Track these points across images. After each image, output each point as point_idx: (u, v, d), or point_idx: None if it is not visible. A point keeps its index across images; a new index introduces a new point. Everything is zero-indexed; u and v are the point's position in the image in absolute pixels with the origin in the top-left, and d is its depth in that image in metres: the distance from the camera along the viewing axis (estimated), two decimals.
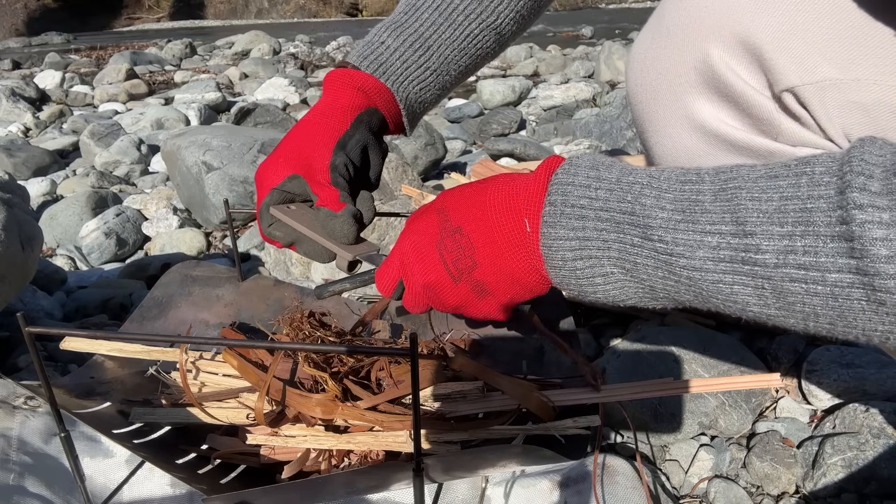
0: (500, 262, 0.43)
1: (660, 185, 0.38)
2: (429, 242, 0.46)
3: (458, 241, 0.44)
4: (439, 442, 0.60)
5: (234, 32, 9.15)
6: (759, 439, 0.76)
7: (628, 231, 0.38)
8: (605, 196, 0.39)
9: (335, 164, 0.57)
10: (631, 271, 0.39)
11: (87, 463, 0.64)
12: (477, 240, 0.44)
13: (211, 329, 0.79)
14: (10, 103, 3.67)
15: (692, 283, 0.36)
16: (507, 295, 0.45)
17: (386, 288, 0.51)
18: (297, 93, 4.03)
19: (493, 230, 0.43)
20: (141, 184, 2.28)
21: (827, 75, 0.43)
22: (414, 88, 0.63)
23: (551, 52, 5.47)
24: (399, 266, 0.49)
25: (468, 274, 0.45)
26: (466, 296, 0.46)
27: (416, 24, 0.62)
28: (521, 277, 0.44)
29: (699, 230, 0.35)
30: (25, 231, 1.00)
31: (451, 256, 0.45)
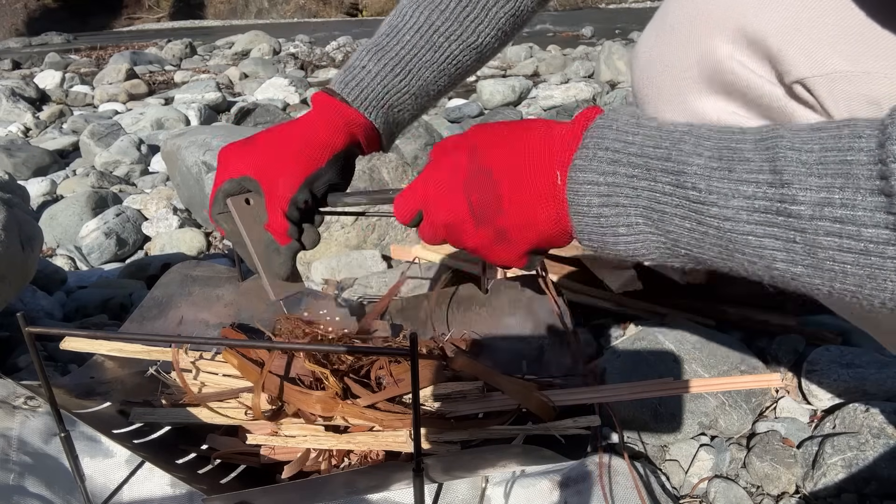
0: (526, 212, 0.43)
1: (700, 133, 0.37)
2: (456, 181, 0.45)
3: (486, 185, 0.44)
4: (439, 442, 0.60)
5: (234, 32, 9.15)
6: (759, 439, 0.76)
7: (661, 178, 0.37)
8: (641, 141, 0.38)
9: (296, 200, 0.58)
10: (657, 222, 0.38)
11: (87, 463, 0.64)
12: (505, 186, 0.43)
13: (211, 329, 0.79)
14: (10, 103, 3.67)
15: (720, 234, 0.35)
16: (527, 244, 0.45)
17: (404, 216, 0.50)
18: (296, 93, 4.03)
19: (522, 178, 0.42)
20: (141, 184, 2.28)
21: (837, 67, 0.42)
22: (393, 112, 0.65)
23: (551, 52, 5.47)
24: (422, 198, 0.48)
25: (491, 219, 0.44)
26: (486, 240, 0.46)
27: (397, 46, 0.63)
28: (544, 228, 0.43)
29: (735, 178, 0.34)
30: (25, 231, 1.00)
31: (476, 199, 0.44)
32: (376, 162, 1.46)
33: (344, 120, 0.62)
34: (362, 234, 1.34)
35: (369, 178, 1.42)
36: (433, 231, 0.49)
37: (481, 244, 0.46)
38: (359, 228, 1.34)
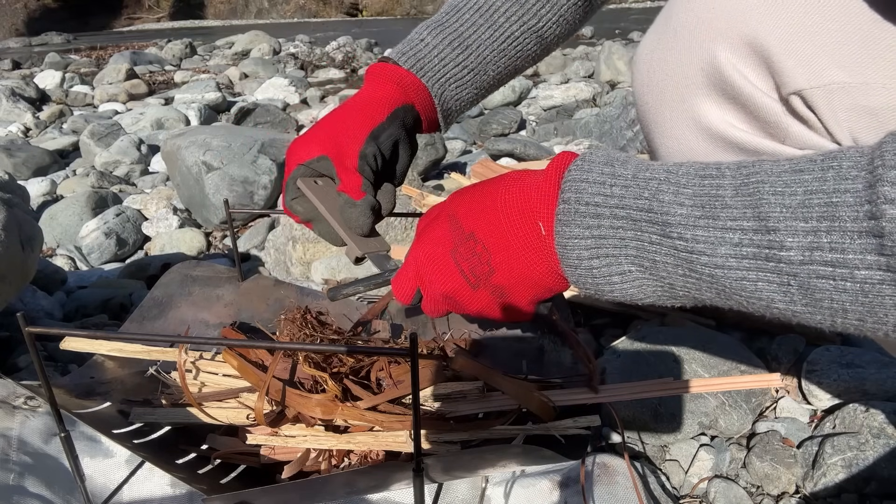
0: (517, 266, 0.43)
1: (678, 181, 0.37)
2: (443, 251, 0.46)
3: (473, 248, 0.44)
4: (439, 442, 0.60)
5: (234, 32, 9.16)
6: (759, 439, 0.76)
7: (646, 228, 0.37)
8: (621, 193, 0.38)
9: (364, 153, 0.57)
10: (650, 269, 0.38)
11: (87, 463, 0.64)
12: (491, 245, 0.43)
13: (211, 329, 0.79)
14: (10, 103, 3.67)
15: (714, 280, 0.35)
16: (527, 297, 0.45)
17: (404, 296, 0.51)
18: (297, 93, 4.03)
19: (506, 234, 0.43)
20: (141, 184, 2.28)
21: (835, 79, 0.42)
22: (451, 86, 0.63)
23: None
24: (415, 275, 0.49)
25: (486, 279, 0.44)
26: (487, 301, 0.46)
27: (456, 23, 0.62)
28: (539, 279, 0.43)
29: (720, 226, 0.34)
30: (25, 231, 1.00)
31: (467, 264, 0.44)
32: None
33: (399, 79, 0.61)
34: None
35: None
36: (435, 305, 0.49)
37: (484, 307, 0.46)
38: None
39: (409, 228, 1.37)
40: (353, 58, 5.72)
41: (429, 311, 0.51)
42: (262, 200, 1.81)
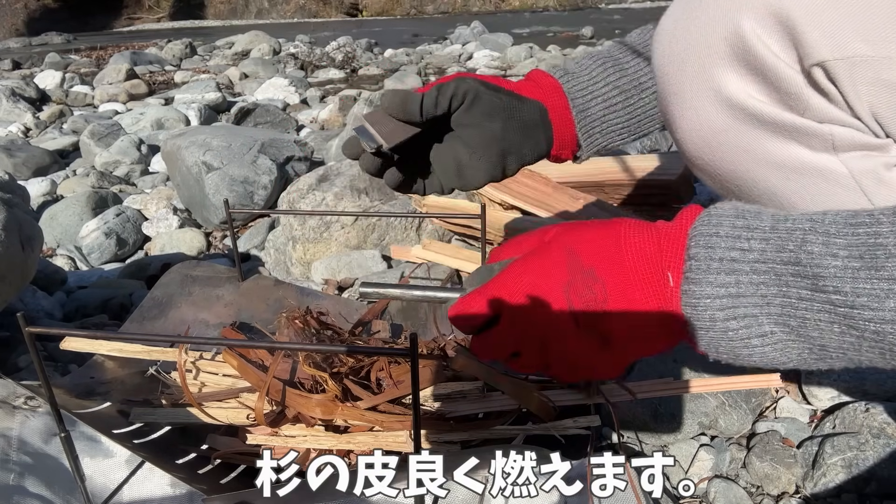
0: (633, 315, 0.39)
1: (826, 230, 0.34)
2: (555, 283, 0.40)
3: (591, 286, 0.40)
4: (439, 442, 0.60)
5: (234, 32, 9.16)
6: (759, 439, 0.76)
7: (793, 283, 0.34)
8: (761, 247, 0.35)
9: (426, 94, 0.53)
10: (797, 329, 0.35)
11: (87, 463, 0.64)
12: (612, 286, 0.39)
13: (211, 329, 0.79)
14: (10, 103, 3.68)
15: (880, 338, 0.32)
16: (630, 351, 0.41)
17: (471, 321, 0.43)
18: (297, 93, 4.03)
19: (629, 278, 0.39)
20: (141, 184, 2.28)
21: (858, 51, 0.41)
22: (596, 105, 0.59)
23: (551, 52, 5.47)
24: (504, 301, 0.42)
25: (595, 324, 0.40)
26: (586, 347, 0.41)
27: (615, 50, 0.60)
28: (651, 333, 0.40)
29: (885, 277, 0.31)
30: (25, 231, 1.00)
31: (580, 301, 0.40)
32: None
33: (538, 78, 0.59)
34: (362, 234, 1.34)
35: (369, 178, 1.42)
36: (505, 340, 0.43)
37: (581, 352, 0.41)
38: (359, 228, 1.34)
39: (409, 228, 1.37)
40: (353, 58, 5.72)
41: (492, 345, 0.44)
42: (262, 200, 1.81)
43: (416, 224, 1.37)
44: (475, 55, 5.67)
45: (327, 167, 1.47)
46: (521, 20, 11.64)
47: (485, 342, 0.44)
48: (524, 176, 1.22)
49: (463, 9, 18.46)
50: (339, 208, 1.33)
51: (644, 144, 2.26)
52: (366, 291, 0.48)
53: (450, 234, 1.36)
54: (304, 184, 1.41)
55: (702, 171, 0.52)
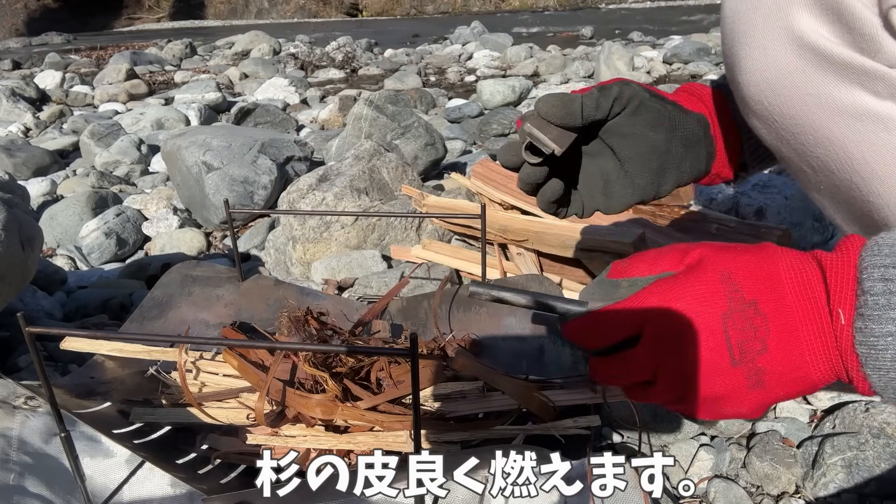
0: (794, 353, 0.36)
1: None
2: (713, 312, 0.37)
3: (752, 319, 0.37)
4: (439, 442, 0.60)
5: (234, 32, 9.16)
6: (759, 439, 0.76)
7: None
8: None
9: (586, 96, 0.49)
10: None
11: (88, 463, 0.64)
12: (774, 321, 0.36)
13: (211, 329, 0.79)
14: (10, 103, 3.68)
15: None
16: (782, 391, 0.38)
17: (600, 338, 0.40)
18: (297, 93, 4.03)
19: (794, 313, 0.36)
20: (141, 184, 2.28)
21: None
22: None
23: (551, 52, 5.47)
24: (641, 324, 0.39)
25: (751, 359, 0.37)
26: (738, 384, 0.38)
27: None
28: (809, 373, 0.37)
29: None
30: (25, 231, 1.00)
31: (738, 335, 0.37)
32: (376, 162, 1.46)
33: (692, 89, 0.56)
34: (362, 234, 1.34)
35: (369, 178, 1.42)
36: (642, 366, 0.39)
37: (730, 391, 0.38)
38: (359, 228, 1.34)
39: (409, 228, 1.37)
40: (353, 58, 5.72)
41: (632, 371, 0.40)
42: (262, 200, 1.81)
43: (416, 224, 1.37)
44: (475, 55, 5.68)
45: (327, 167, 1.47)
46: (521, 20, 11.64)
47: (613, 365, 0.40)
48: None
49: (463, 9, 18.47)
50: (339, 208, 1.33)
51: None
52: (476, 291, 0.44)
53: (450, 234, 1.36)
54: (304, 184, 1.41)
55: (759, 118, 0.49)
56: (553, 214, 0.54)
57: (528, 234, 1.09)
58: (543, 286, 0.85)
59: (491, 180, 1.26)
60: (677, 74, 4.19)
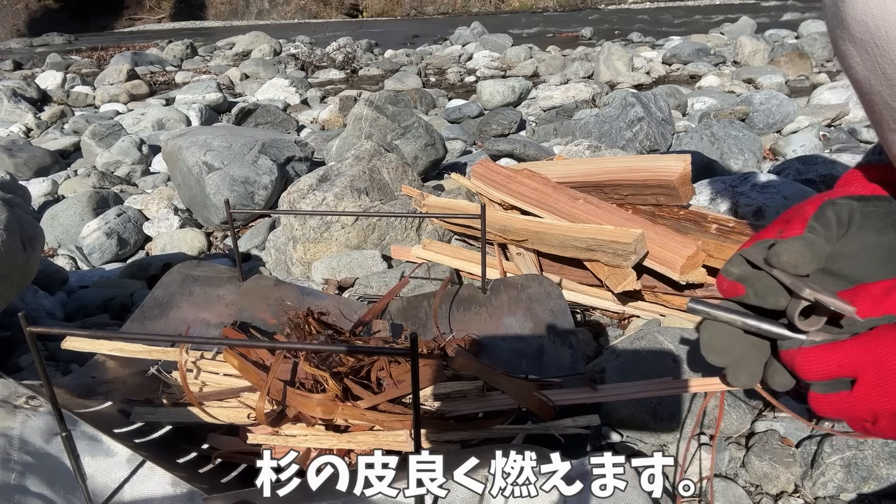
0: None
1: None
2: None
3: None
4: (439, 441, 0.60)
5: (235, 33, 9.16)
6: (759, 438, 0.76)
7: None
8: None
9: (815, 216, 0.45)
10: None
11: (88, 462, 0.64)
12: None
13: (212, 329, 0.79)
14: (11, 104, 3.68)
15: None
16: None
17: (818, 371, 0.40)
18: (297, 93, 4.04)
19: None
20: (142, 184, 2.28)
21: None
22: None
23: (551, 52, 5.47)
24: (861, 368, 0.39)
25: None
26: None
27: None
28: None
29: None
30: (27, 231, 1.01)
31: None
32: (376, 162, 1.46)
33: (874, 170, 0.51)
34: (362, 234, 1.34)
35: (369, 178, 1.42)
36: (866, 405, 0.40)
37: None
38: (359, 229, 1.34)
39: (409, 228, 1.37)
40: (353, 58, 5.73)
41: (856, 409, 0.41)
42: (262, 201, 1.82)
43: (416, 224, 1.37)
44: (475, 56, 5.68)
45: (328, 167, 1.47)
46: (520, 21, 11.64)
47: (839, 401, 0.41)
48: (524, 176, 1.23)
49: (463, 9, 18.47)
50: (339, 208, 1.33)
51: (643, 144, 2.26)
52: (695, 308, 0.43)
53: (450, 234, 1.36)
54: (304, 184, 1.41)
55: (857, 44, 0.44)
56: None
57: (527, 234, 1.09)
58: (543, 286, 0.85)
59: (491, 180, 1.27)
60: (676, 74, 4.19)
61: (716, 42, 5.47)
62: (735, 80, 3.54)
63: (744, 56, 4.34)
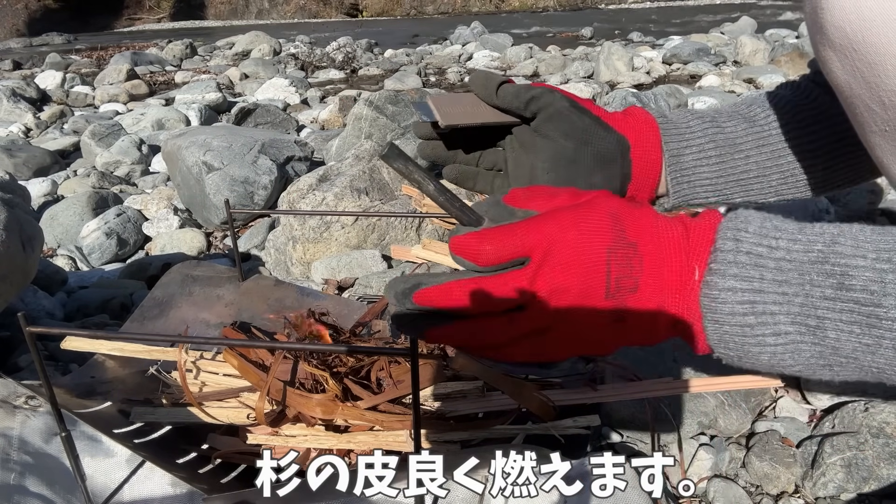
0: (656, 299, 0.38)
1: (855, 235, 0.34)
2: (599, 244, 0.38)
3: (630, 258, 0.38)
4: (439, 442, 0.60)
5: (235, 33, 9.16)
6: (759, 439, 0.76)
7: (818, 282, 0.34)
8: (787, 245, 0.35)
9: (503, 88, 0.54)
10: (814, 329, 0.35)
11: (88, 462, 0.64)
12: (648, 265, 0.38)
13: (211, 329, 0.79)
14: (10, 103, 3.68)
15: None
16: (633, 335, 0.40)
17: (500, 253, 0.39)
18: (297, 93, 4.04)
19: (663, 262, 0.38)
20: (142, 184, 2.28)
21: None
22: (690, 152, 0.57)
23: (551, 52, 5.47)
24: (537, 244, 0.38)
25: (622, 296, 0.38)
26: (604, 319, 0.39)
27: (710, 112, 0.60)
28: (661, 322, 0.39)
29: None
30: (26, 231, 1.00)
31: (617, 270, 0.38)
32: (376, 162, 1.46)
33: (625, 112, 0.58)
34: (362, 234, 1.34)
35: (369, 178, 1.42)
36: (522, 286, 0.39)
37: (597, 322, 0.39)
38: (359, 229, 1.34)
39: (409, 228, 1.37)
40: (353, 58, 5.73)
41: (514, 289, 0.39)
42: (262, 201, 1.82)
43: (416, 224, 1.37)
44: (475, 55, 5.68)
45: (327, 167, 1.47)
46: (520, 20, 11.64)
47: (493, 283, 0.39)
48: None
49: (463, 9, 18.47)
50: (339, 208, 1.33)
51: None
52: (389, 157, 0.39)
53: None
54: (304, 184, 1.41)
55: (836, 49, 0.47)
56: (454, 182, 0.59)
57: None
58: None
59: None
60: (677, 74, 4.19)
61: (716, 42, 5.47)
62: (735, 79, 3.54)
63: (744, 55, 4.34)
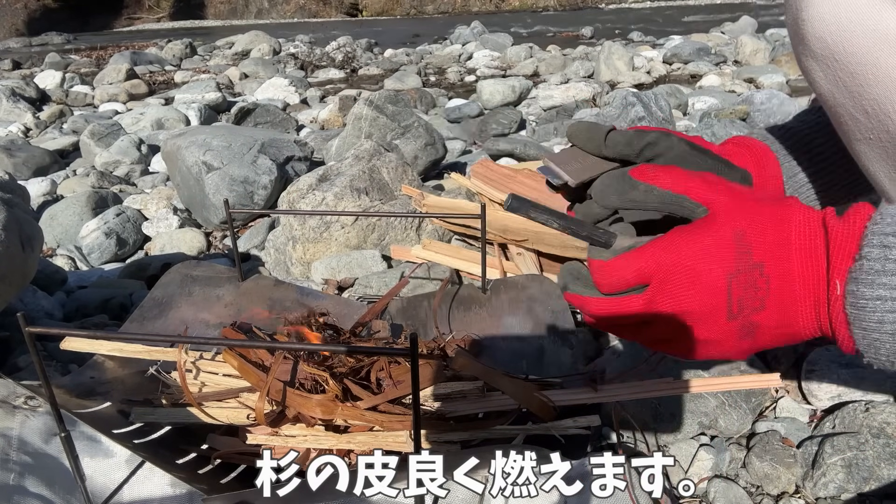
0: (790, 313, 0.39)
1: None
2: (719, 268, 0.39)
3: (755, 280, 0.39)
4: (439, 442, 0.60)
5: (234, 32, 9.16)
6: (759, 439, 0.76)
7: None
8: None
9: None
10: None
11: (88, 463, 0.64)
12: (775, 284, 0.39)
13: (211, 329, 0.79)
14: (10, 103, 3.68)
15: None
16: (770, 342, 0.41)
17: (617, 280, 0.42)
18: (297, 93, 4.03)
19: (794, 276, 0.38)
20: (141, 184, 2.28)
21: None
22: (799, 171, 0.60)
23: (551, 52, 5.47)
24: (656, 269, 0.41)
25: (748, 315, 0.39)
26: (729, 334, 0.40)
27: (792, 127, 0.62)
28: (799, 331, 0.39)
29: None
30: (26, 231, 1.00)
31: (740, 293, 0.39)
32: (376, 162, 1.46)
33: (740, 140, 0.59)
34: (362, 234, 1.34)
35: (369, 178, 1.42)
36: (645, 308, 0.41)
37: (722, 336, 0.41)
38: (359, 229, 1.34)
39: (409, 228, 1.37)
40: (353, 58, 5.73)
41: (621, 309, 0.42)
42: (262, 200, 1.81)
43: (416, 224, 1.37)
44: (475, 55, 5.68)
45: (327, 167, 1.47)
46: (521, 20, 11.64)
47: (615, 304, 0.42)
48: (524, 176, 1.23)
49: (463, 9, 18.47)
50: (339, 208, 1.33)
51: None
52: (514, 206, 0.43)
53: (450, 234, 1.36)
54: (304, 184, 1.41)
55: (818, 59, 0.48)
56: None
57: (527, 234, 1.09)
58: (543, 286, 0.85)
59: (491, 180, 1.26)
60: (677, 74, 4.19)
61: (716, 41, 5.47)
62: (736, 79, 3.54)
63: (744, 55, 4.34)
